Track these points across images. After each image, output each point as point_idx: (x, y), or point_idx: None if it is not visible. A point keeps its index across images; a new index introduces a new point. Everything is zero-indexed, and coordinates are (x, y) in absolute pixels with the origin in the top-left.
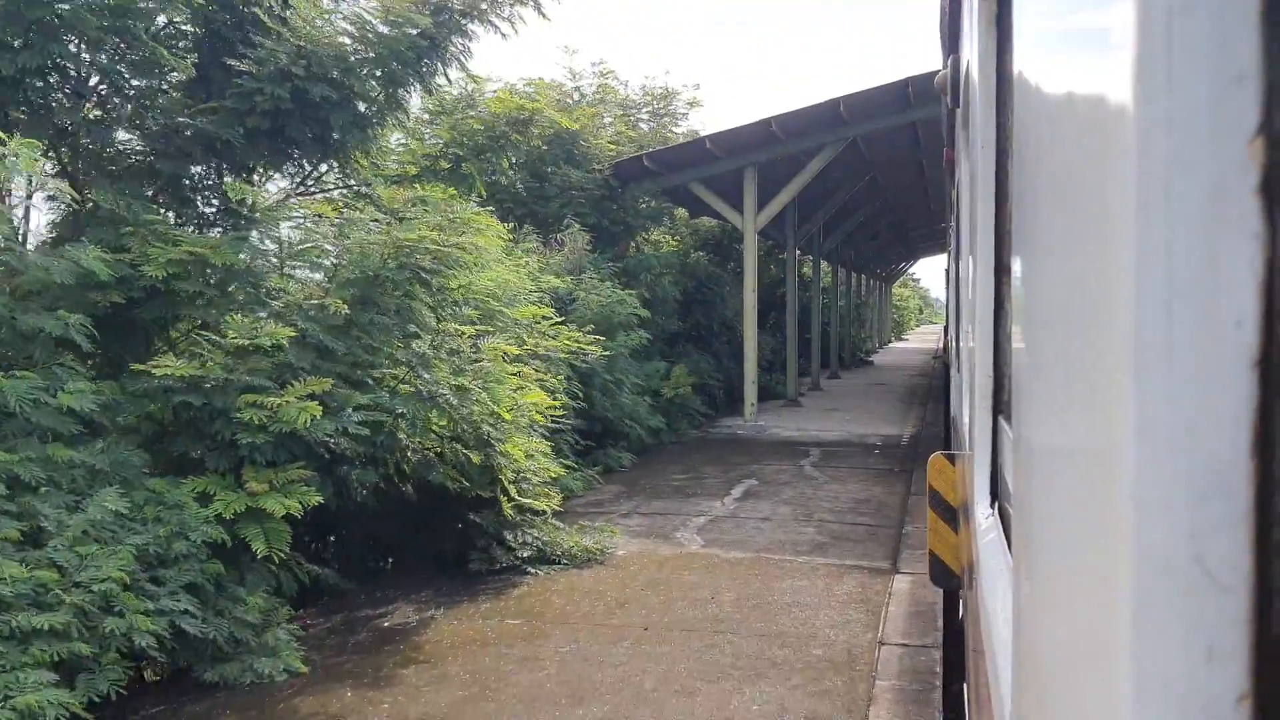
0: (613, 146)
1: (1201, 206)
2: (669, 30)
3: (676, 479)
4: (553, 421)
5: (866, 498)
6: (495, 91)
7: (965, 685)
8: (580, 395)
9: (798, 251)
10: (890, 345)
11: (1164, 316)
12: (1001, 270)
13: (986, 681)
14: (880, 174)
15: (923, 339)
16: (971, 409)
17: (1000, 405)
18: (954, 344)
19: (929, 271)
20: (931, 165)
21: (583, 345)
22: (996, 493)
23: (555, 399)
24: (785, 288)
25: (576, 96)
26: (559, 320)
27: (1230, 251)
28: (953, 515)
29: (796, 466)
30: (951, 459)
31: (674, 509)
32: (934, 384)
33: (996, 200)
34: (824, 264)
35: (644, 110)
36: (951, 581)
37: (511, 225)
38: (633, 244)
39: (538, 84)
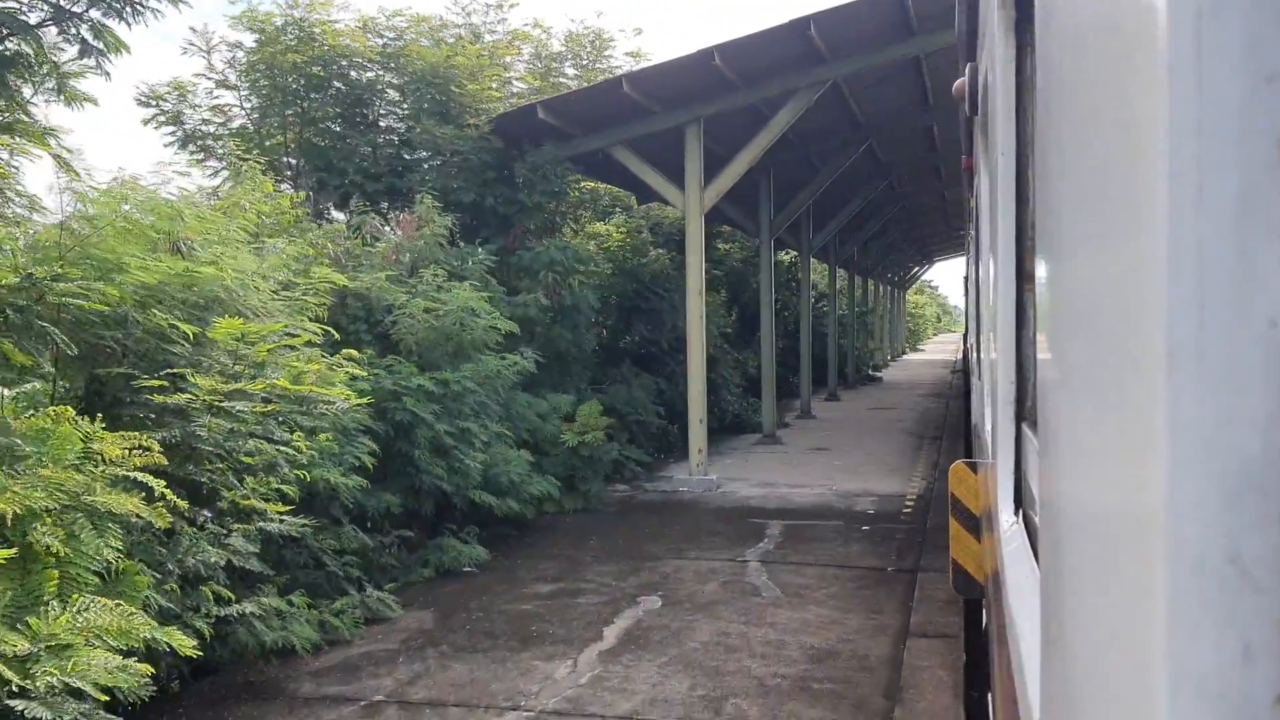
0: (498, 95)
1: (1233, 207)
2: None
3: (535, 596)
4: (279, 522)
5: (833, 646)
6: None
7: (990, 695)
8: (374, 461)
9: (792, 253)
10: (904, 357)
11: (1196, 317)
12: (1023, 276)
13: (1012, 689)
14: (879, 143)
15: (941, 349)
16: (994, 416)
17: (1024, 412)
18: (975, 352)
19: (947, 277)
20: (945, 135)
21: (317, 390)
22: (1021, 500)
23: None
24: (760, 290)
25: (471, 39)
26: (311, 338)
27: (1262, 251)
28: (975, 524)
29: (737, 564)
30: (973, 467)
31: (479, 685)
32: (952, 407)
33: (1017, 206)
34: (822, 266)
35: (568, 64)
36: (974, 590)
37: (305, 192)
38: (542, 231)
39: (412, 17)
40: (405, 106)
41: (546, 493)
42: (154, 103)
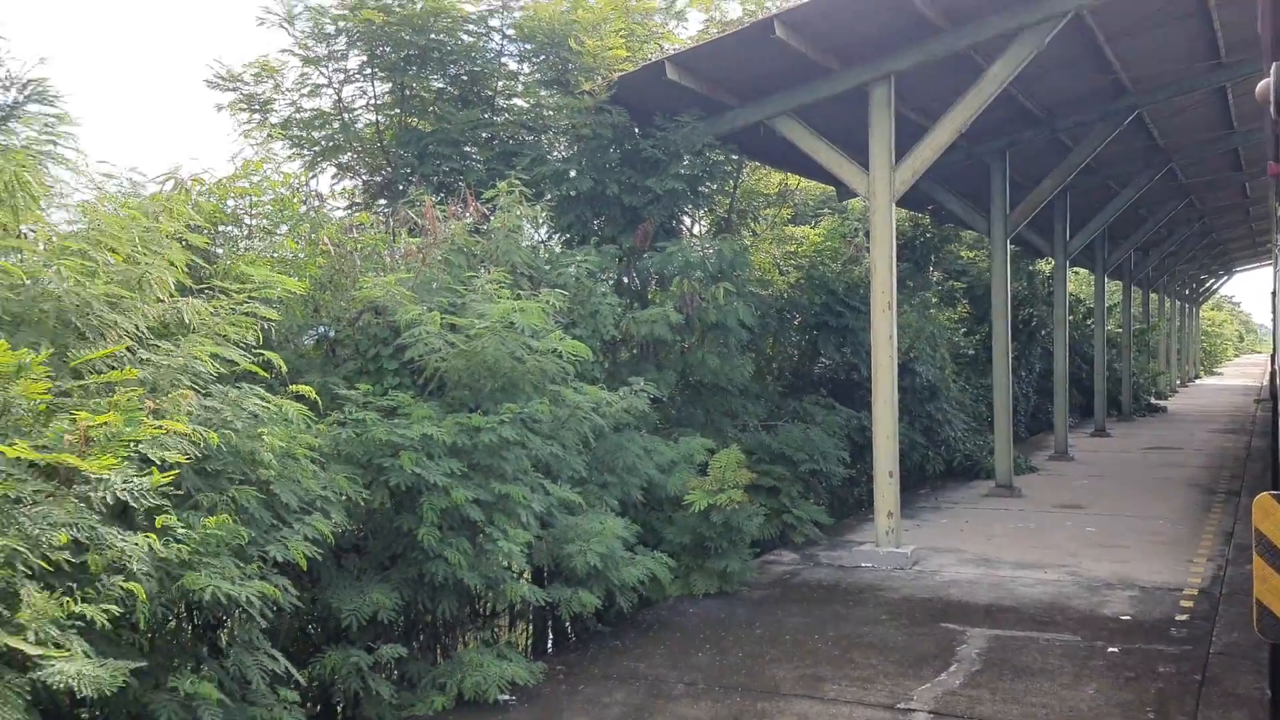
0: (623, 52)
1: None
2: None
3: None
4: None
5: None
6: None
7: None
8: (315, 554)
9: (1041, 259)
10: (1197, 382)
11: None
12: None
13: None
14: (1151, 114)
15: (1242, 373)
16: None
17: None
18: None
19: (1251, 290)
20: (1244, 106)
21: (75, 461)
22: None
23: None
24: (993, 301)
25: None
26: (213, 367)
27: None
28: None
29: (893, 719)
30: None
31: None
32: (1255, 448)
33: None
34: (1086, 274)
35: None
36: None
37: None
38: (718, 231)
39: None
40: (522, 80)
41: (649, 577)
42: (232, 85)
